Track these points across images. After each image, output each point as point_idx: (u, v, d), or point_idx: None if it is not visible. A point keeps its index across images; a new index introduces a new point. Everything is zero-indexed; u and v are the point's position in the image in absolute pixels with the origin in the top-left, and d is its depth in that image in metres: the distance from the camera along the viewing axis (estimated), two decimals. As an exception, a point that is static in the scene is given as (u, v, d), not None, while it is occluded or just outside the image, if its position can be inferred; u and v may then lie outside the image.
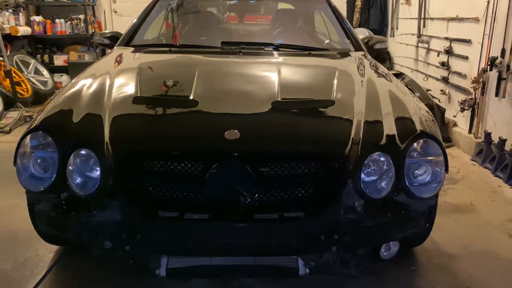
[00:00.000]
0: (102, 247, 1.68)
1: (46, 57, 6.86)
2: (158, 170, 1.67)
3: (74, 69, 6.54)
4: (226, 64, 2.56)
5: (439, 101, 4.72)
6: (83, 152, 1.71)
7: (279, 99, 1.95)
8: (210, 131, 1.75)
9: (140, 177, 1.68)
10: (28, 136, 1.80)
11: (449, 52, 4.48)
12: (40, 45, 6.95)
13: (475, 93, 4.00)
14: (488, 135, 3.71)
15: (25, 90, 5.79)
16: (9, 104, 5.33)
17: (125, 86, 2.11)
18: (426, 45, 5.19)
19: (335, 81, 2.16)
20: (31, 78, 6.16)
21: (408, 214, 1.82)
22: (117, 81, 2.14)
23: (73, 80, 2.30)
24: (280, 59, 2.72)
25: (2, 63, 5.83)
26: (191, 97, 1.96)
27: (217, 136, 1.69)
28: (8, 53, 6.34)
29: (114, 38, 3.23)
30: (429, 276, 2.24)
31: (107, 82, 2.13)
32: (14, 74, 5.55)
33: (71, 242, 1.97)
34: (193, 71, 2.23)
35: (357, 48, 3.03)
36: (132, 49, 2.94)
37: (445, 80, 4.58)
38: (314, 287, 2.04)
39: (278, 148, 1.73)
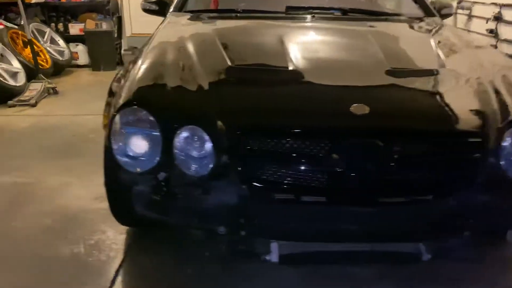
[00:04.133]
0: (214, 232, 1.54)
1: (60, 26, 6.53)
2: (276, 148, 1.51)
3: (91, 38, 6.26)
4: (311, 30, 2.37)
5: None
6: (190, 129, 1.54)
7: (391, 69, 1.78)
8: (333, 105, 1.59)
9: (257, 156, 1.52)
10: (122, 113, 1.62)
11: (498, 18, 4.28)
12: (54, 13, 6.62)
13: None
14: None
15: (45, 60, 5.52)
16: (29, 75, 5.08)
17: (210, 56, 1.93)
18: (467, 12, 4.97)
19: (437, 49, 1.99)
20: (48, 48, 5.87)
21: None
22: (199, 51, 1.96)
23: (146, 50, 2.10)
24: (360, 25, 2.53)
25: (20, 32, 5.55)
26: (291, 68, 1.78)
27: (342, 111, 1.53)
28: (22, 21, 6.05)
29: (162, 4, 3.02)
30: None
31: (188, 53, 1.95)
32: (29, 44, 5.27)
33: (170, 226, 1.81)
34: (276, 39, 2.05)
35: (429, 13, 2.83)
36: (188, 15, 2.74)
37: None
38: (433, 273, 1.88)
39: (412, 124, 1.57)
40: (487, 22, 4.53)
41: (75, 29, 6.49)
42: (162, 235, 2.19)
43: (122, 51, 6.75)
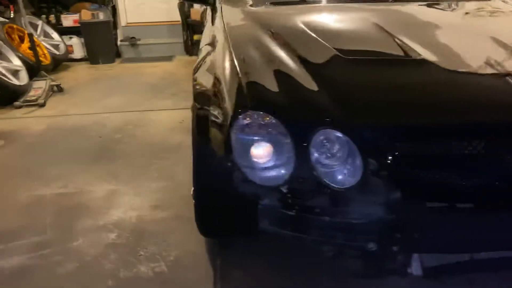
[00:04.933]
0: (362, 249, 1.37)
1: (52, 18, 6.12)
2: (429, 151, 1.35)
3: (88, 30, 5.90)
4: (401, 14, 2.22)
5: None
6: (327, 134, 1.36)
7: None
8: (492, 96, 1.43)
9: (408, 162, 1.35)
10: (242, 118, 1.42)
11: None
12: (44, 4, 6.19)
13: None
14: None
15: (43, 56, 5.15)
16: (29, 73, 4.71)
17: (314, 49, 1.75)
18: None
19: None
20: (43, 42, 5.48)
21: None
22: (298, 44, 1.79)
23: (231, 44, 1.89)
24: (444, 5, 2.40)
25: (15, 27, 5.15)
26: (419, 57, 1.62)
27: (505, 102, 1.37)
28: (12, 14, 5.62)
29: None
30: None
31: (289, 46, 1.77)
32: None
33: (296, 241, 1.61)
34: (371, 25, 1.89)
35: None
36: (249, 2, 2.51)
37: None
38: None
39: None
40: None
41: (68, 20, 6.10)
42: (251, 246, 2.02)
43: (119, 42, 6.41)
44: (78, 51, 6.18)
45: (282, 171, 1.38)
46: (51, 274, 1.95)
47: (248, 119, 1.42)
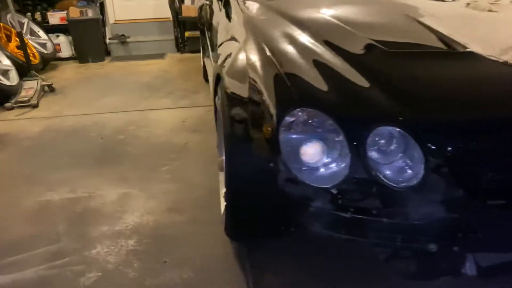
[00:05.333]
0: (422, 250, 1.31)
1: (38, 15, 5.90)
2: (492, 146, 1.30)
3: (76, 28, 5.71)
4: (431, 6, 2.20)
5: None
6: (385, 132, 1.30)
7: None
8: None
9: (470, 158, 1.30)
10: (291, 116, 1.34)
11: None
12: (29, 1, 5.96)
13: None
14: None
15: (32, 55, 4.95)
16: (19, 73, 4.52)
17: (352, 42, 1.69)
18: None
19: None
20: (30, 41, 5.28)
21: None
22: (333, 37, 1.72)
23: (245, 38, 1.81)
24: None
25: (1, 24, 4.94)
26: (470, 49, 1.58)
27: None
28: (-3, 12, 5.39)
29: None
30: None
31: (312, 38, 1.71)
32: (17, 38, 4.70)
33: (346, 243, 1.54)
34: (404, 17, 1.87)
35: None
36: None
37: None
38: None
39: None
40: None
41: (55, 18, 5.89)
42: (281, 248, 1.94)
43: (107, 40, 6.23)
44: (66, 50, 5.99)
45: (337, 171, 1.31)
46: (74, 286, 1.83)
47: (297, 117, 1.35)
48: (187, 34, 6.07)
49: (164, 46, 6.30)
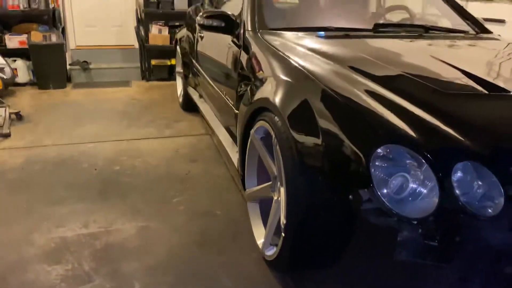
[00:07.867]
0: (509, 276, 1.43)
1: (-6, 39, 5.55)
2: None
3: (37, 53, 5.42)
4: (442, 48, 2.42)
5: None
6: (466, 165, 1.42)
7: None
8: None
9: None
10: (381, 151, 1.43)
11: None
12: (-16, 24, 5.60)
13: None
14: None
15: (-6, 80, 4.64)
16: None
17: (397, 81, 1.83)
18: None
19: None
20: (-13, 65, 4.94)
21: None
22: (375, 74, 1.86)
23: (291, 76, 1.89)
24: (461, 41, 2.65)
25: (-39, 47, 4.58)
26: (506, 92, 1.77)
27: None
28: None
29: (228, 20, 2.73)
30: None
31: (363, 77, 1.83)
32: (-21, 61, 4.40)
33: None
34: (429, 59, 2.06)
35: (483, 30, 3.02)
36: (279, 32, 2.53)
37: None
38: None
39: None
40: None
41: (13, 42, 5.56)
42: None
43: (68, 66, 5.98)
44: (23, 75, 5.64)
45: (427, 202, 1.40)
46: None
47: (385, 151, 1.44)
48: (153, 62, 6.01)
49: (128, 73, 6.17)
